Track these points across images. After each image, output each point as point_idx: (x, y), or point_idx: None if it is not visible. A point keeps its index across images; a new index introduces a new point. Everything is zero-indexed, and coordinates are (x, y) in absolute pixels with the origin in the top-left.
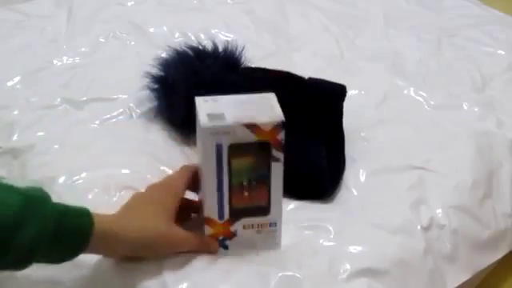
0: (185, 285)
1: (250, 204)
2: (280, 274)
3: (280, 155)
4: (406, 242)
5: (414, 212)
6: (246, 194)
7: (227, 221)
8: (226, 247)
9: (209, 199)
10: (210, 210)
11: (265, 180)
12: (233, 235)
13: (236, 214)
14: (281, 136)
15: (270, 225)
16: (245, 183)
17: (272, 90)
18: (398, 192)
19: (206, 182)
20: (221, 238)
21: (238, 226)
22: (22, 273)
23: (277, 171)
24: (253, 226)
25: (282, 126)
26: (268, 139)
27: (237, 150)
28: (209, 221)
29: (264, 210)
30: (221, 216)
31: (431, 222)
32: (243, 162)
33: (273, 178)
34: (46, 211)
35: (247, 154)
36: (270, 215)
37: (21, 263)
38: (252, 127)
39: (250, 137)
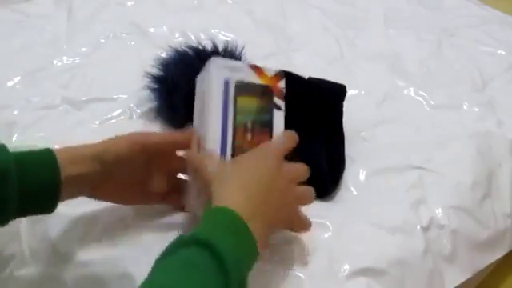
0: None
1: (251, 148)
2: (279, 273)
3: (281, 103)
4: (406, 242)
5: (413, 212)
6: (249, 136)
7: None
8: None
9: (212, 133)
10: (213, 142)
11: (267, 127)
12: None
13: (238, 154)
14: (282, 84)
15: None
16: (248, 125)
17: None
18: (397, 192)
19: (210, 118)
20: None
21: None
22: (22, 273)
23: (278, 120)
24: None
25: (283, 75)
26: (270, 84)
27: (242, 90)
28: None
29: None
30: (223, 150)
31: (431, 222)
32: (248, 102)
33: (274, 126)
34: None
35: (252, 96)
36: None
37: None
38: (257, 69)
39: (255, 78)
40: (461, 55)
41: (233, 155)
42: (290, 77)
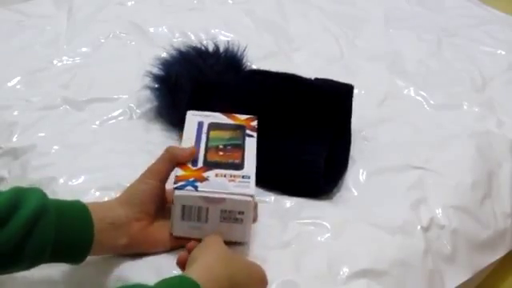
0: None
1: (224, 160)
2: (279, 276)
3: (253, 134)
4: (406, 242)
5: (414, 212)
6: (221, 153)
7: (200, 168)
8: (195, 187)
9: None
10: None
11: (239, 147)
12: (204, 179)
13: (209, 165)
14: (254, 123)
15: (243, 177)
16: (220, 147)
17: (276, 91)
18: (397, 192)
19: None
20: (192, 179)
21: (210, 173)
22: (21, 273)
23: (251, 143)
24: (225, 175)
25: (256, 118)
26: (243, 124)
27: (215, 127)
28: (183, 166)
29: (237, 166)
30: (194, 164)
31: (431, 222)
32: (220, 134)
33: (247, 147)
34: (50, 219)
35: (224, 130)
36: (244, 170)
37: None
38: (230, 115)
39: (228, 121)
40: (461, 55)
41: (204, 166)
42: (295, 78)
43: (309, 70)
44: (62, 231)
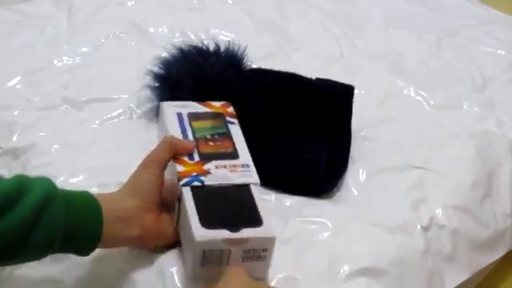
0: (185, 285)
1: (217, 150)
2: (279, 274)
3: (234, 120)
4: (406, 242)
5: (413, 212)
6: (212, 143)
7: (198, 161)
8: (201, 182)
9: None
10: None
11: (227, 136)
12: (207, 173)
13: (206, 157)
14: (230, 109)
15: (243, 166)
16: (208, 137)
17: (277, 90)
18: (398, 192)
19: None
20: (195, 174)
21: (210, 166)
22: (21, 272)
23: (236, 130)
24: (225, 166)
25: (230, 104)
26: (221, 111)
27: (195, 117)
28: (180, 160)
29: (232, 155)
30: (191, 158)
31: (431, 221)
32: (203, 124)
33: (234, 135)
34: (58, 209)
35: (205, 119)
36: (240, 158)
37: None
38: (204, 103)
39: (205, 110)
40: (461, 55)
41: (201, 159)
42: (296, 78)
43: (309, 69)
44: (72, 223)
